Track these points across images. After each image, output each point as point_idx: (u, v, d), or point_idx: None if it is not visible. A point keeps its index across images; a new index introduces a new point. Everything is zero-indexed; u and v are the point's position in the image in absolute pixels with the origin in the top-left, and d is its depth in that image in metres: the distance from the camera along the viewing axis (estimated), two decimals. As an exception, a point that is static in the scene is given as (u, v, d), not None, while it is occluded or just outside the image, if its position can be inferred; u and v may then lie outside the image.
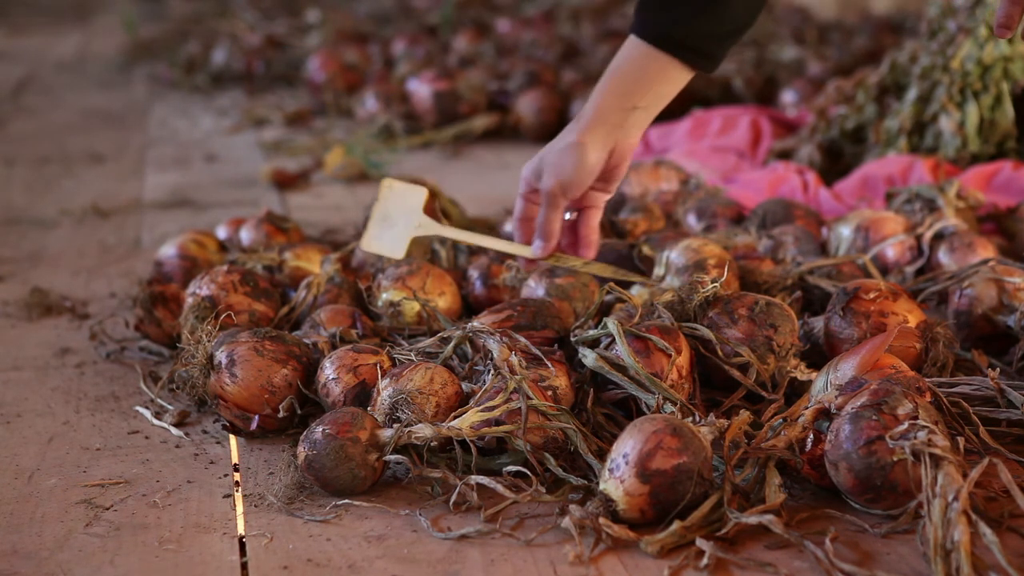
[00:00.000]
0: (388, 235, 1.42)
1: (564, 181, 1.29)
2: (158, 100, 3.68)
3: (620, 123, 1.27)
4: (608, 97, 1.28)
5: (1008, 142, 2.23)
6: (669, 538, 1.08)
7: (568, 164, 1.28)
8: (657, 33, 1.26)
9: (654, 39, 1.26)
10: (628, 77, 1.27)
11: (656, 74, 1.27)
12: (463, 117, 3.04)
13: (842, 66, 3.31)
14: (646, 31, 1.26)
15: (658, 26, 1.26)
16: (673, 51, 1.26)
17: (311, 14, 4.61)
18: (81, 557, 1.11)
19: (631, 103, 1.27)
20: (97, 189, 2.58)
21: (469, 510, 1.17)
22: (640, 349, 1.30)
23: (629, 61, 1.28)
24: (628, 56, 1.28)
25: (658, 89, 1.28)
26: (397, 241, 1.43)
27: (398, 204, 1.44)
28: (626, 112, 1.27)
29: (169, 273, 1.75)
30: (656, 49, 1.26)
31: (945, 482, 1.03)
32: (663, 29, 1.26)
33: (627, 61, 1.28)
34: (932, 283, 1.63)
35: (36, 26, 5.54)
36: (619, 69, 1.28)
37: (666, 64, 1.27)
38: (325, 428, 1.20)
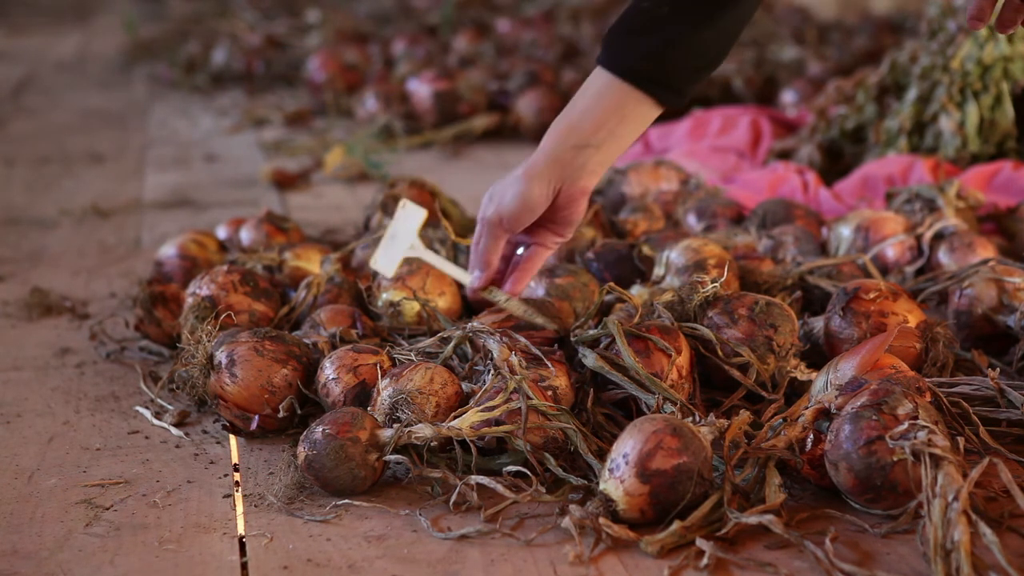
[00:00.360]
0: (387, 254, 1.43)
1: (503, 213, 1.25)
2: (158, 100, 3.68)
3: (569, 161, 1.22)
4: (559, 133, 1.23)
5: (1008, 142, 2.23)
6: (669, 538, 1.08)
7: (508, 196, 1.24)
8: (621, 64, 1.21)
9: (618, 70, 1.21)
10: (584, 110, 1.22)
11: (613, 107, 1.21)
12: (463, 117, 3.04)
13: (842, 66, 3.31)
14: (610, 61, 1.21)
15: (622, 57, 1.20)
16: (639, 83, 1.21)
17: (311, 14, 4.61)
18: (81, 557, 1.11)
19: (581, 139, 1.22)
20: (97, 189, 2.58)
21: (469, 510, 1.17)
22: (640, 349, 1.30)
23: (589, 93, 1.23)
24: (588, 88, 1.23)
25: (613, 125, 1.22)
26: (390, 260, 1.44)
27: (404, 224, 1.45)
28: (576, 149, 1.22)
29: (169, 273, 1.75)
30: (621, 81, 1.21)
31: (945, 482, 1.03)
32: (627, 60, 1.20)
33: (586, 93, 1.23)
34: (932, 283, 1.63)
35: (36, 26, 5.54)
36: (576, 102, 1.23)
37: (627, 96, 1.21)
38: (325, 428, 1.20)
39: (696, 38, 1.20)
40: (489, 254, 1.28)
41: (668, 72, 1.21)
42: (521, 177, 1.24)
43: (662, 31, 1.19)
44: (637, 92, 1.21)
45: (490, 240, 1.27)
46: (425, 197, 1.94)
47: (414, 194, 1.93)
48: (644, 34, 1.20)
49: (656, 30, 1.19)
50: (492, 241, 1.27)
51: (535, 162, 1.24)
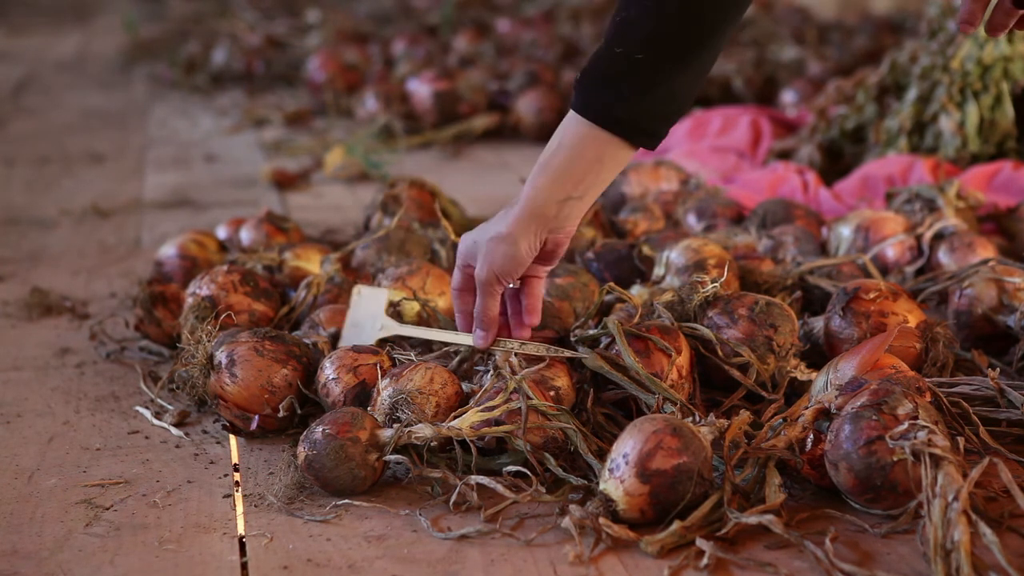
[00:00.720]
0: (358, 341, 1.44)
1: (497, 271, 1.25)
2: (158, 100, 3.68)
3: (554, 215, 1.23)
4: (542, 188, 1.23)
5: (1008, 142, 2.23)
6: (669, 538, 1.08)
7: (499, 256, 1.25)
8: (598, 111, 1.20)
9: (595, 117, 1.21)
10: (565, 162, 1.22)
11: (594, 157, 1.22)
12: (463, 117, 3.04)
13: (842, 66, 3.31)
14: (586, 109, 1.21)
15: (600, 104, 1.20)
16: (616, 130, 1.21)
17: (311, 14, 4.61)
18: (81, 557, 1.11)
19: (564, 193, 1.22)
20: (97, 189, 2.58)
21: (469, 510, 1.17)
22: (640, 349, 1.30)
23: (567, 142, 1.22)
24: (566, 135, 1.23)
25: (595, 175, 1.22)
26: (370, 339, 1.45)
27: (365, 309, 1.47)
28: (559, 204, 1.23)
29: (169, 273, 1.75)
30: (596, 127, 1.21)
31: (945, 482, 1.03)
32: (605, 108, 1.20)
33: (564, 142, 1.22)
34: (932, 283, 1.63)
35: (36, 26, 5.54)
36: (556, 152, 1.23)
37: (605, 144, 1.21)
38: (325, 428, 1.20)
39: (672, 82, 1.20)
40: (490, 311, 1.28)
41: (645, 117, 1.21)
42: (507, 236, 1.24)
43: (637, 77, 1.19)
44: (615, 139, 1.22)
45: (488, 298, 1.28)
46: (425, 197, 1.94)
47: (414, 194, 1.93)
48: (620, 80, 1.20)
49: (631, 76, 1.19)
50: (490, 299, 1.28)
51: (520, 217, 1.24)
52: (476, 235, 1.28)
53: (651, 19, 1.18)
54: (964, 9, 1.21)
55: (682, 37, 1.18)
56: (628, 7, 1.20)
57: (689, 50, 1.19)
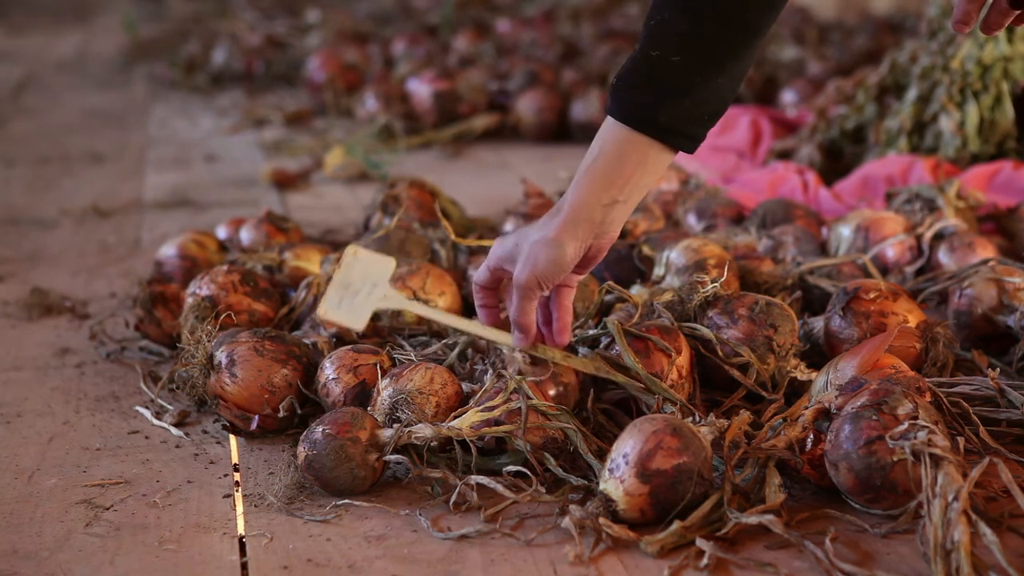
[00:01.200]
0: (349, 303, 1.38)
1: (540, 275, 1.23)
2: (158, 100, 3.68)
3: (600, 220, 1.22)
4: (587, 192, 1.22)
5: (1008, 142, 2.23)
6: (669, 538, 1.08)
7: (543, 259, 1.23)
8: (638, 116, 1.21)
9: (635, 123, 1.20)
10: (608, 167, 1.22)
11: (636, 160, 1.21)
12: (463, 117, 3.04)
13: (842, 66, 3.31)
14: (625, 114, 1.21)
15: (639, 109, 1.20)
16: (655, 134, 1.20)
17: (311, 14, 4.62)
18: (81, 557, 1.11)
19: (610, 197, 1.22)
20: (97, 189, 2.58)
21: (469, 510, 1.17)
22: (640, 349, 1.30)
23: (608, 148, 1.22)
24: (607, 141, 1.22)
25: (638, 178, 1.22)
26: (359, 311, 1.37)
27: (362, 273, 1.40)
28: (605, 208, 1.22)
29: (169, 273, 1.75)
30: (636, 132, 1.20)
31: (945, 482, 1.03)
32: (644, 112, 1.20)
33: (606, 148, 1.22)
34: (932, 283, 1.63)
35: (36, 26, 5.54)
36: (598, 158, 1.22)
37: (647, 148, 1.21)
38: (325, 428, 1.20)
39: (709, 84, 1.19)
40: (528, 315, 1.26)
41: (684, 121, 1.21)
42: (554, 241, 1.22)
43: (675, 81, 1.19)
44: (657, 144, 1.21)
45: (527, 302, 1.26)
46: (425, 197, 1.94)
47: (414, 194, 1.93)
48: (657, 85, 1.19)
49: (669, 80, 1.19)
50: (529, 303, 1.26)
51: (566, 222, 1.23)
52: (517, 238, 1.26)
53: (687, 22, 1.17)
54: (959, 9, 1.22)
55: (719, 39, 1.18)
56: (663, 10, 1.19)
57: (726, 52, 1.19)
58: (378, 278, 1.34)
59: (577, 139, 2.92)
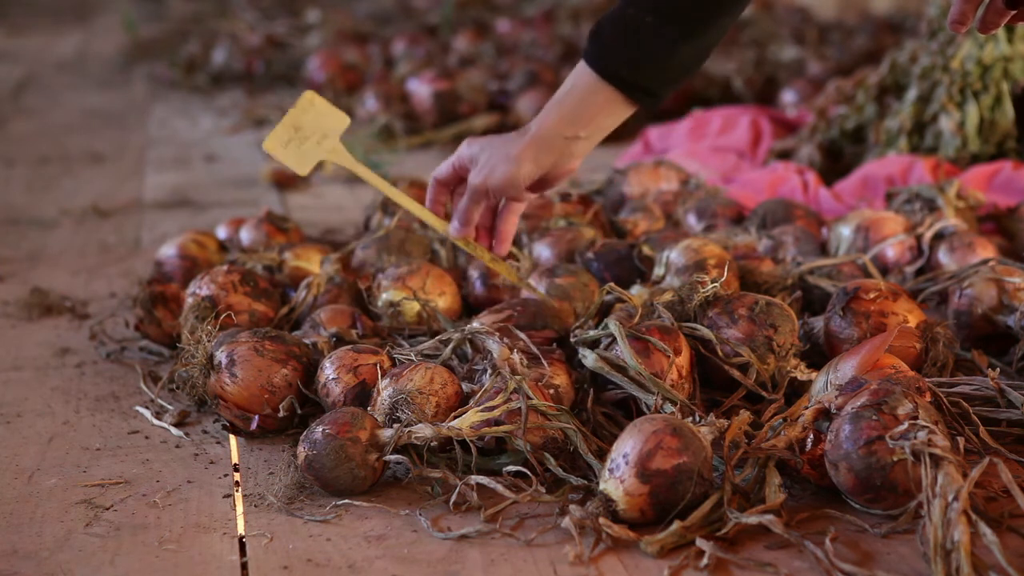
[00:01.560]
0: (296, 148, 1.40)
1: (490, 185, 1.34)
2: (158, 100, 3.68)
3: (560, 149, 1.33)
4: (554, 122, 1.33)
5: (1008, 142, 2.23)
6: (669, 538, 1.08)
7: (499, 172, 1.33)
8: (607, 68, 1.31)
9: (604, 73, 1.31)
10: (576, 105, 1.32)
11: (601, 105, 1.32)
12: (463, 117, 3.04)
13: (842, 66, 3.31)
14: (597, 64, 1.31)
15: (608, 61, 1.31)
16: (619, 86, 1.31)
17: (311, 14, 4.61)
18: (81, 557, 1.11)
19: (574, 132, 1.33)
20: (97, 189, 2.58)
21: (469, 510, 1.17)
22: (640, 349, 1.30)
23: (578, 87, 1.33)
24: (578, 81, 1.33)
25: (600, 121, 1.33)
26: (305, 158, 1.40)
27: (316, 121, 1.41)
28: (568, 141, 1.33)
29: (169, 273, 1.75)
30: (603, 81, 1.31)
31: (945, 482, 1.03)
32: (613, 65, 1.30)
33: (576, 86, 1.33)
34: (932, 283, 1.63)
35: (36, 26, 5.54)
36: (568, 94, 1.33)
37: (612, 96, 1.32)
38: (325, 428, 1.20)
39: (678, 50, 1.29)
40: (470, 213, 1.37)
41: (649, 80, 1.31)
42: (514, 157, 1.33)
43: (647, 41, 1.29)
44: (621, 95, 1.32)
45: (472, 203, 1.36)
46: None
47: (414, 194, 1.93)
48: (629, 41, 1.29)
49: (640, 39, 1.28)
50: (475, 205, 1.37)
51: (528, 144, 1.33)
52: (482, 144, 1.36)
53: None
54: (955, 9, 1.22)
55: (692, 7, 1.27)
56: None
57: (696, 18, 1.28)
58: (329, 130, 1.39)
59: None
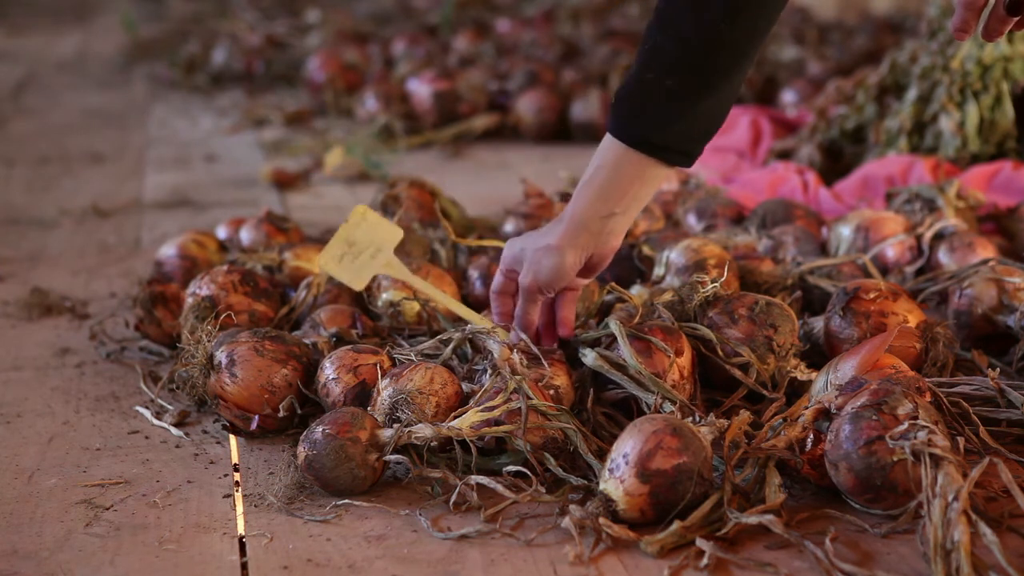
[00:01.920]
0: (349, 262, 1.40)
1: (542, 281, 1.31)
2: (158, 100, 3.68)
3: (599, 231, 1.29)
4: (587, 204, 1.29)
5: (1008, 142, 2.23)
6: (669, 538, 1.08)
7: (545, 266, 1.30)
8: (634, 135, 1.27)
9: (632, 141, 1.27)
10: (607, 181, 1.28)
11: (633, 176, 1.28)
12: (463, 117, 3.04)
13: (842, 66, 3.31)
14: (623, 133, 1.27)
15: (636, 128, 1.27)
16: (652, 152, 1.27)
17: (311, 14, 4.61)
18: (81, 557, 1.11)
19: (608, 209, 1.28)
20: (97, 189, 2.58)
21: (469, 510, 1.17)
22: (642, 349, 1.30)
23: (607, 163, 1.29)
24: (606, 156, 1.29)
25: (635, 191, 1.28)
26: (360, 272, 1.41)
27: (368, 235, 1.43)
28: (604, 220, 1.29)
29: (169, 273, 1.75)
30: (633, 150, 1.27)
31: (945, 482, 1.03)
32: (640, 131, 1.27)
33: (605, 162, 1.29)
34: (932, 283, 1.63)
35: (36, 26, 5.54)
36: (598, 171, 1.29)
37: (644, 164, 1.27)
38: (325, 428, 1.20)
39: (700, 106, 1.25)
40: (529, 316, 1.34)
41: (678, 139, 1.27)
42: (555, 249, 1.30)
43: (669, 103, 1.25)
44: (653, 161, 1.28)
45: (529, 304, 1.33)
46: (425, 197, 1.94)
47: (414, 194, 1.93)
48: (651, 106, 1.25)
49: (663, 101, 1.25)
50: (532, 305, 1.33)
51: (567, 232, 1.30)
52: (523, 243, 1.34)
53: (677, 48, 1.23)
54: (958, 16, 1.23)
55: (708, 65, 1.24)
56: (656, 34, 1.25)
57: (716, 75, 1.24)
58: (383, 243, 1.38)
59: (577, 139, 2.92)
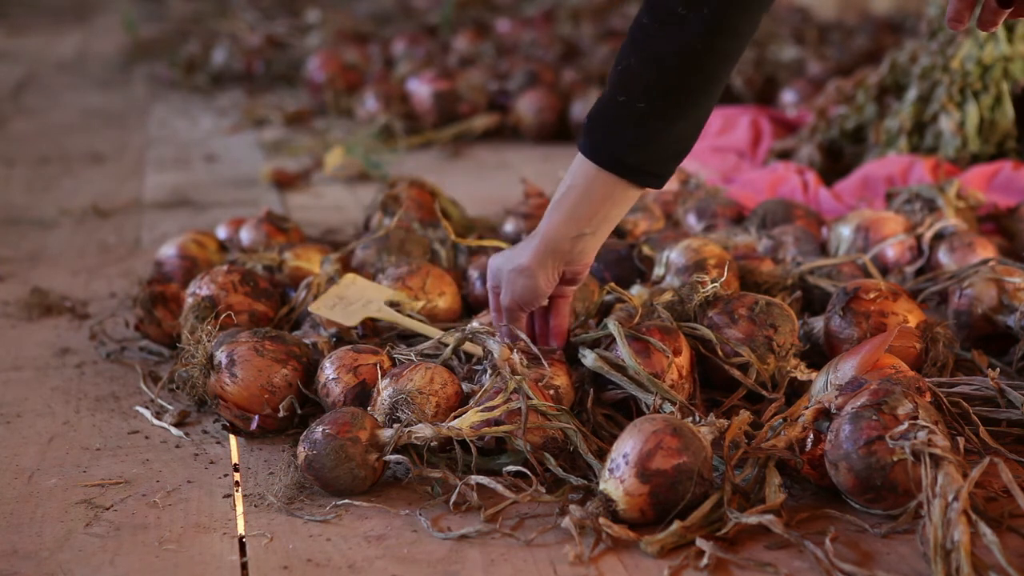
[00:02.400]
0: (342, 310, 1.48)
1: (518, 300, 1.33)
2: (158, 100, 3.68)
3: (568, 249, 1.30)
4: (557, 225, 1.29)
5: (1008, 142, 2.23)
6: (669, 538, 1.08)
7: (519, 287, 1.32)
8: (606, 157, 1.27)
9: (604, 163, 1.27)
10: (577, 202, 1.29)
11: (604, 196, 1.28)
12: (463, 117, 3.04)
13: (842, 66, 3.31)
14: (595, 154, 1.28)
15: (606, 150, 1.27)
16: (623, 174, 1.27)
17: (311, 14, 4.61)
18: (81, 557, 1.11)
19: (578, 230, 1.29)
20: (97, 189, 2.58)
21: (469, 510, 1.17)
22: (640, 350, 1.30)
23: (578, 182, 1.29)
24: (577, 176, 1.29)
25: (606, 212, 1.29)
26: (353, 314, 1.48)
27: (358, 292, 1.51)
28: (574, 240, 1.29)
29: (169, 273, 1.75)
30: (604, 170, 1.27)
31: (945, 482, 1.03)
32: (611, 153, 1.27)
33: (576, 182, 1.29)
34: (932, 283, 1.63)
35: (36, 26, 5.54)
36: (568, 192, 1.29)
37: (614, 184, 1.28)
38: (325, 428, 1.20)
39: (673, 128, 1.25)
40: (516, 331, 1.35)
41: (650, 161, 1.27)
42: (527, 270, 1.31)
43: (640, 125, 1.25)
44: (623, 182, 1.28)
45: (514, 321, 1.35)
46: (425, 197, 1.94)
47: (414, 194, 1.93)
48: (623, 128, 1.26)
49: (634, 124, 1.25)
50: (516, 322, 1.35)
51: (537, 252, 1.31)
52: (500, 261, 1.35)
53: (651, 71, 1.23)
54: (951, 8, 1.23)
55: (681, 88, 1.24)
56: (629, 56, 1.25)
57: (688, 99, 1.25)
58: (373, 297, 1.46)
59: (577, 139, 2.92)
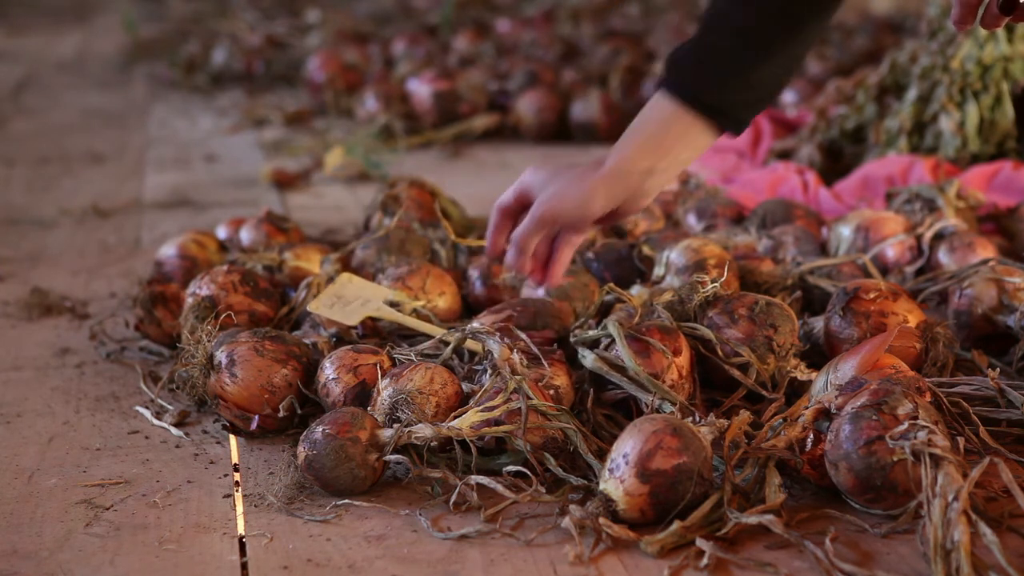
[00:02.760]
0: (340, 308, 1.47)
1: (560, 213, 1.26)
2: (158, 100, 3.68)
3: (637, 184, 1.26)
4: (629, 154, 1.25)
5: (1008, 142, 2.23)
6: (669, 538, 1.08)
7: (571, 200, 1.25)
8: (690, 94, 1.25)
9: (682, 97, 1.25)
10: (651, 135, 1.26)
11: (678, 133, 1.25)
12: (463, 117, 3.04)
13: (842, 66, 3.31)
14: (679, 90, 1.25)
15: (687, 85, 1.25)
16: (700, 110, 1.25)
17: (311, 14, 4.61)
18: (81, 557, 1.11)
19: (649, 164, 1.25)
20: (97, 189, 2.58)
21: (469, 510, 1.17)
22: (640, 350, 1.30)
23: (655, 116, 1.26)
24: (654, 110, 1.26)
25: (678, 152, 1.26)
26: (352, 313, 1.47)
27: (356, 291, 1.50)
28: (644, 174, 1.25)
29: (169, 273, 1.75)
30: (687, 109, 1.25)
31: (945, 482, 1.03)
32: (696, 92, 1.25)
33: (653, 116, 1.26)
34: (932, 283, 1.63)
35: (36, 26, 5.54)
36: (645, 124, 1.26)
37: (691, 123, 1.25)
38: (325, 428, 1.20)
39: (756, 73, 1.24)
40: (528, 240, 1.28)
41: (730, 104, 1.26)
42: (587, 189, 1.25)
43: (725, 66, 1.24)
44: (702, 121, 1.26)
45: (533, 231, 1.27)
46: (425, 197, 1.94)
47: (414, 194, 1.93)
48: (710, 67, 1.25)
49: (719, 65, 1.24)
50: (535, 232, 1.27)
51: (604, 177, 1.26)
52: (550, 172, 1.28)
53: (739, 11, 1.24)
54: (955, 12, 1.23)
55: (769, 30, 1.23)
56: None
57: (776, 42, 1.24)
58: (371, 297, 1.45)
59: (577, 139, 2.92)
